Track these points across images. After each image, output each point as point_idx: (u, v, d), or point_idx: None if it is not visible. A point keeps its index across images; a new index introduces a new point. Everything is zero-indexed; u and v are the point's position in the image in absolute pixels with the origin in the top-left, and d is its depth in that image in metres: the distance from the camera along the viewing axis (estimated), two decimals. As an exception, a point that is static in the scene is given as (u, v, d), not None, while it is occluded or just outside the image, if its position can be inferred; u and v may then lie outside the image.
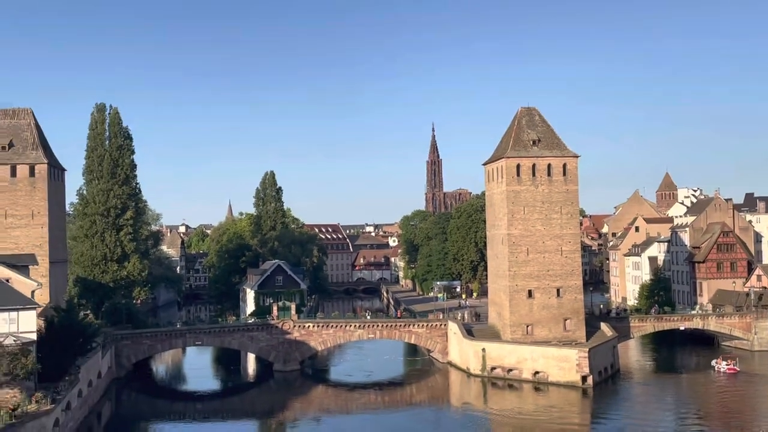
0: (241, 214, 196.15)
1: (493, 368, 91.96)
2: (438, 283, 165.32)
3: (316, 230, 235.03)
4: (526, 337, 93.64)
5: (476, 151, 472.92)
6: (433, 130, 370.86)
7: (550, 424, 73.33)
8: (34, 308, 65.65)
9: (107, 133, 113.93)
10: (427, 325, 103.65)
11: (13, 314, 63.25)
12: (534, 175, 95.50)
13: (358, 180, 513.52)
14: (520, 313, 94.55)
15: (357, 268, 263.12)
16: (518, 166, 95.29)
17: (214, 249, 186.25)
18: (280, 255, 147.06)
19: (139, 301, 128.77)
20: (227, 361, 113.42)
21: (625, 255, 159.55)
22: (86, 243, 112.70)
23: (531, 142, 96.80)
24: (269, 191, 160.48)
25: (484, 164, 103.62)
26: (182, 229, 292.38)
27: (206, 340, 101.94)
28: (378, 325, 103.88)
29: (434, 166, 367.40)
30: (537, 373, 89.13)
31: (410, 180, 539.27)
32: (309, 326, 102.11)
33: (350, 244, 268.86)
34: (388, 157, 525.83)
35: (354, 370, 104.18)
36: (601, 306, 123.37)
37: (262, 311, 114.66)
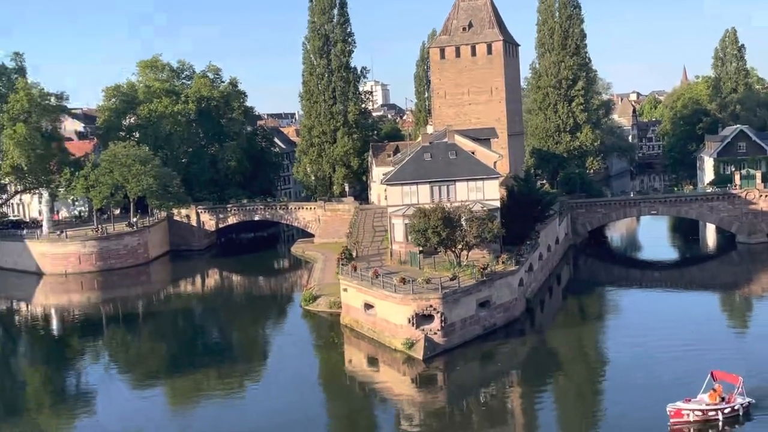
0: (697, 77, 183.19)
1: None
2: None
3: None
4: None
5: None
6: None
7: None
8: (497, 178, 70.84)
9: (557, 5, 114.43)
10: None
11: (479, 183, 69.17)
12: None
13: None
14: None
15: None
16: None
17: (667, 116, 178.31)
18: (743, 119, 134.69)
19: (591, 171, 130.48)
20: (684, 232, 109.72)
21: None
22: (540, 115, 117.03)
23: None
24: (730, 50, 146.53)
25: None
26: (633, 97, 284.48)
27: (661, 209, 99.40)
28: None
29: None
30: None
31: None
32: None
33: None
34: None
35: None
36: None
37: (722, 180, 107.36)
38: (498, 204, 69.37)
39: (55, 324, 77.74)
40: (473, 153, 73.46)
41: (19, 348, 70.39)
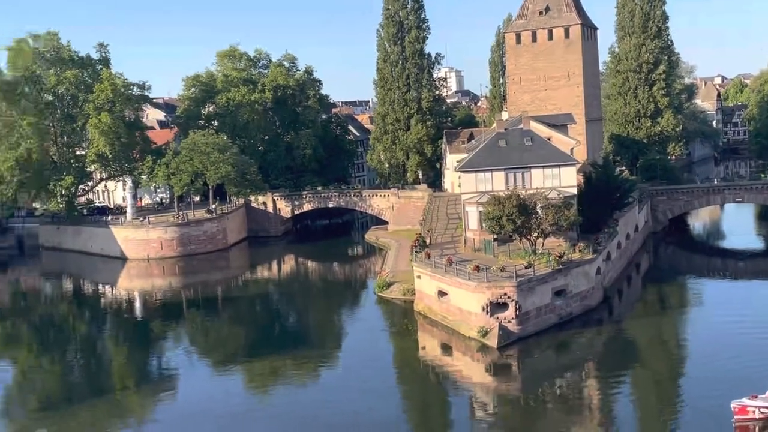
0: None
1: None
2: None
3: None
4: None
5: None
6: None
7: None
8: (574, 164, 69.52)
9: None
10: None
11: (555, 170, 68.01)
12: None
13: None
14: None
15: None
16: None
17: (754, 100, 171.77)
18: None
19: (673, 157, 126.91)
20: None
21: None
22: (619, 100, 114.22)
23: None
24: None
25: None
26: (718, 80, 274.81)
27: (747, 196, 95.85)
28: None
29: None
30: None
31: None
32: None
33: None
34: None
35: None
36: None
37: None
38: (575, 191, 68.14)
39: (138, 307, 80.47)
40: (549, 139, 72.37)
41: (105, 330, 73.18)
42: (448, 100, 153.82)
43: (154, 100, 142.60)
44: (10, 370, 61.37)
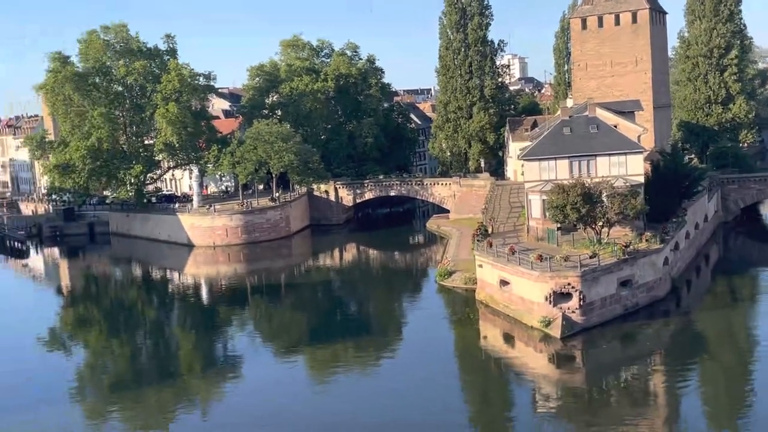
0: None
1: None
2: None
3: None
4: None
5: None
6: None
7: None
8: (641, 152, 67.90)
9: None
10: None
11: (622, 158, 66.53)
12: None
13: None
14: None
15: None
16: None
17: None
18: None
19: (745, 145, 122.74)
20: None
21: None
22: (689, 86, 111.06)
23: None
24: None
25: None
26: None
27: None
28: None
29: None
30: None
31: None
32: None
33: None
34: None
35: None
36: None
37: None
38: (642, 179, 66.58)
39: (204, 293, 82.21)
40: (616, 126, 70.89)
41: (173, 314, 75.02)
42: (512, 88, 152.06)
43: (220, 90, 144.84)
44: (82, 352, 63.61)
